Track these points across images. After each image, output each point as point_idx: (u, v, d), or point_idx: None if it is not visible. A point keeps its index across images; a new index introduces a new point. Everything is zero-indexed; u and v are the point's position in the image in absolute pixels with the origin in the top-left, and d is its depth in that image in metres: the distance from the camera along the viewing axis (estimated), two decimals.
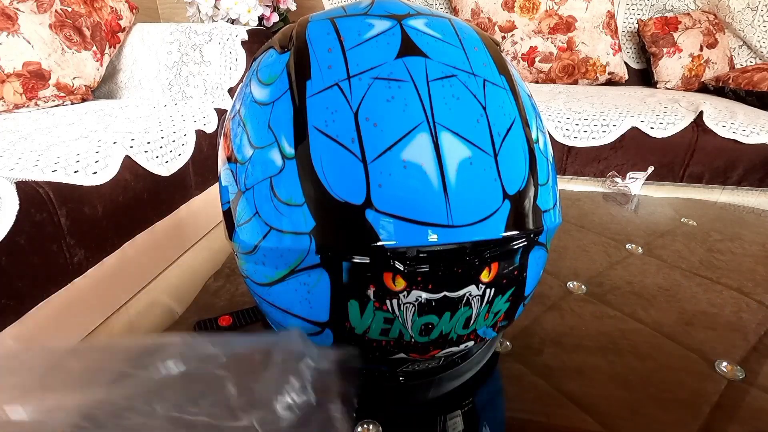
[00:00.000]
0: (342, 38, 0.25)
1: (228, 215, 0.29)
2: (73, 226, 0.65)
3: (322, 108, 0.23)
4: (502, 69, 0.27)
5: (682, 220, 0.68)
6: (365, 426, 0.31)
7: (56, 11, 1.05)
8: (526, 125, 0.26)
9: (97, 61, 1.13)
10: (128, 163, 0.77)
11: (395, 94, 0.23)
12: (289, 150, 0.24)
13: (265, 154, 0.25)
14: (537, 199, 0.25)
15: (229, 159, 0.28)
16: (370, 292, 0.23)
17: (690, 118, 1.19)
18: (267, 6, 1.54)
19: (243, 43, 1.17)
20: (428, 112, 0.23)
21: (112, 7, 1.18)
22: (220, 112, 1.08)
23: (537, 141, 0.26)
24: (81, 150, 0.71)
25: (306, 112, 0.23)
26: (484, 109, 0.24)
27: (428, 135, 0.22)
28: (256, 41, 1.20)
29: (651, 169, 0.86)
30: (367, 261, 0.22)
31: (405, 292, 0.23)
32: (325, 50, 0.25)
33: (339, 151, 0.22)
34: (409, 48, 0.24)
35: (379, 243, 0.22)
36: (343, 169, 0.22)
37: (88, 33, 1.11)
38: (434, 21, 0.27)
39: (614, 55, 1.58)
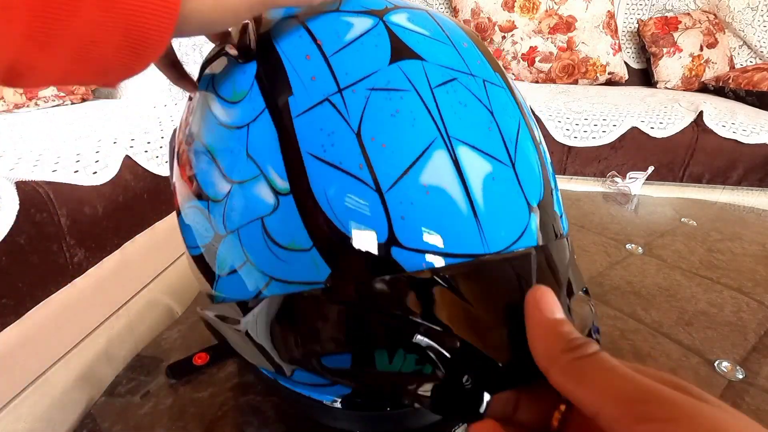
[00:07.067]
0: (319, 42, 0.21)
1: (202, 261, 0.25)
2: (73, 226, 0.65)
3: (314, 130, 0.20)
4: (495, 65, 0.25)
5: (682, 220, 0.68)
6: None
7: None
8: (528, 125, 0.24)
9: None
10: (128, 163, 0.77)
11: (399, 106, 0.20)
12: (282, 184, 0.20)
13: (248, 189, 0.21)
14: (554, 205, 0.23)
15: (199, 196, 0.24)
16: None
17: (690, 118, 1.19)
18: None
19: None
20: (440, 125, 0.20)
21: None
22: None
23: (540, 141, 0.25)
24: (81, 150, 0.71)
25: (295, 136, 0.20)
26: (492, 114, 0.22)
27: (446, 152, 0.19)
28: None
29: (651, 169, 0.86)
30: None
31: None
32: (302, 58, 0.21)
33: (346, 180, 0.19)
34: (400, 50, 0.21)
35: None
36: (356, 202, 0.19)
37: None
38: (416, 15, 0.23)
39: (614, 55, 1.58)
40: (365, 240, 0.19)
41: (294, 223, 0.19)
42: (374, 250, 0.19)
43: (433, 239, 0.19)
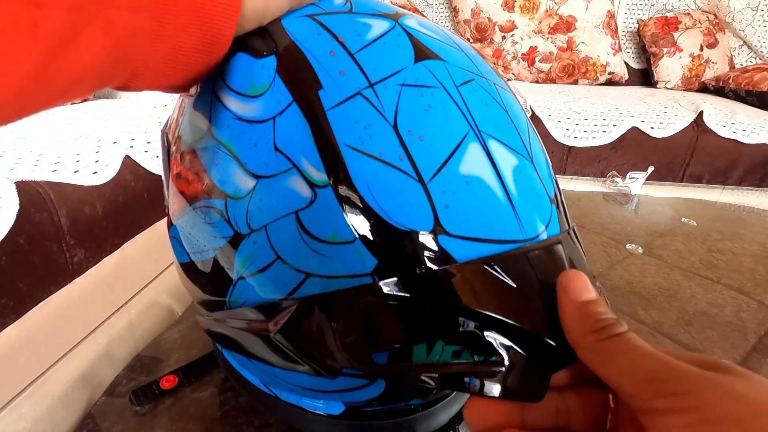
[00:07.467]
0: (341, 39, 0.21)
1: (208, 268, 0.24)
2: (73, 226, 0.65)
3: (350, 122, 0.20)
4: (495, 71, 0.26)
5: (682, 220, 0.68)
6: None
7: None
8: (533, 126, 0.25)
9: None
10: (128, 163, 0.77)
11: (431, 102, 0.21)
12: (319, 176, 0.20)
13: (279, 183, 0.20)
14: (562, 198, 0.24)
15: (210, 195, 0.23)
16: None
17: (690, 118, 1.19)
18: None
19: None
20: (470, 120, 0.21)
21: None
22: None
23: (540, 139, 0.26)
24: (81, 150, 0.71)
25: (330, 128, 0.20)
26: (507, 113, 0.23)
27: (479, 145, 0.20)
28: None
29: (651, 169, 0.86)
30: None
31: None
32: (327, 53, 0.21)
33: (388, 171, 0.19)
34: (422, 50, 0.22)
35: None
36: (400, 192, 0.19)
37: None
38: (424, 21, 0.25)
39: (614, 55, 1.58)
40: (412, 229, 0.19)
41: (335, 215, 0.19)
42: (422, 239, 0.19)
43: (478, 227, 0.20)
